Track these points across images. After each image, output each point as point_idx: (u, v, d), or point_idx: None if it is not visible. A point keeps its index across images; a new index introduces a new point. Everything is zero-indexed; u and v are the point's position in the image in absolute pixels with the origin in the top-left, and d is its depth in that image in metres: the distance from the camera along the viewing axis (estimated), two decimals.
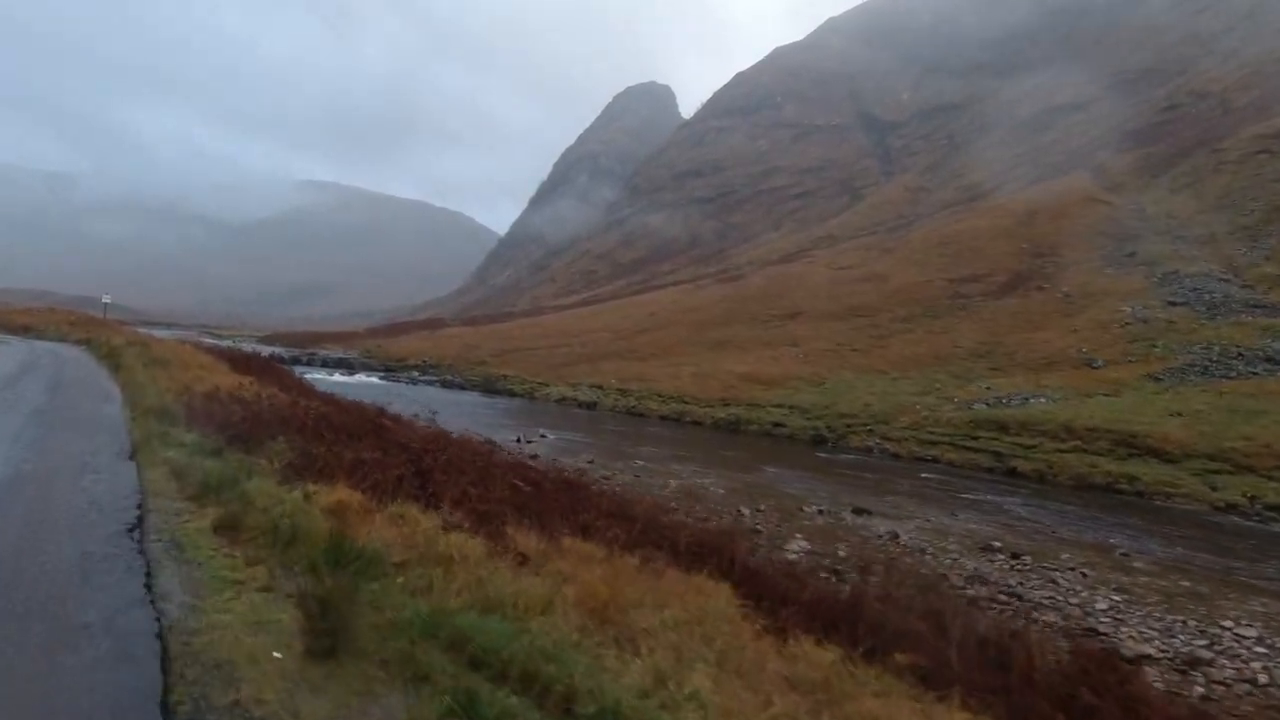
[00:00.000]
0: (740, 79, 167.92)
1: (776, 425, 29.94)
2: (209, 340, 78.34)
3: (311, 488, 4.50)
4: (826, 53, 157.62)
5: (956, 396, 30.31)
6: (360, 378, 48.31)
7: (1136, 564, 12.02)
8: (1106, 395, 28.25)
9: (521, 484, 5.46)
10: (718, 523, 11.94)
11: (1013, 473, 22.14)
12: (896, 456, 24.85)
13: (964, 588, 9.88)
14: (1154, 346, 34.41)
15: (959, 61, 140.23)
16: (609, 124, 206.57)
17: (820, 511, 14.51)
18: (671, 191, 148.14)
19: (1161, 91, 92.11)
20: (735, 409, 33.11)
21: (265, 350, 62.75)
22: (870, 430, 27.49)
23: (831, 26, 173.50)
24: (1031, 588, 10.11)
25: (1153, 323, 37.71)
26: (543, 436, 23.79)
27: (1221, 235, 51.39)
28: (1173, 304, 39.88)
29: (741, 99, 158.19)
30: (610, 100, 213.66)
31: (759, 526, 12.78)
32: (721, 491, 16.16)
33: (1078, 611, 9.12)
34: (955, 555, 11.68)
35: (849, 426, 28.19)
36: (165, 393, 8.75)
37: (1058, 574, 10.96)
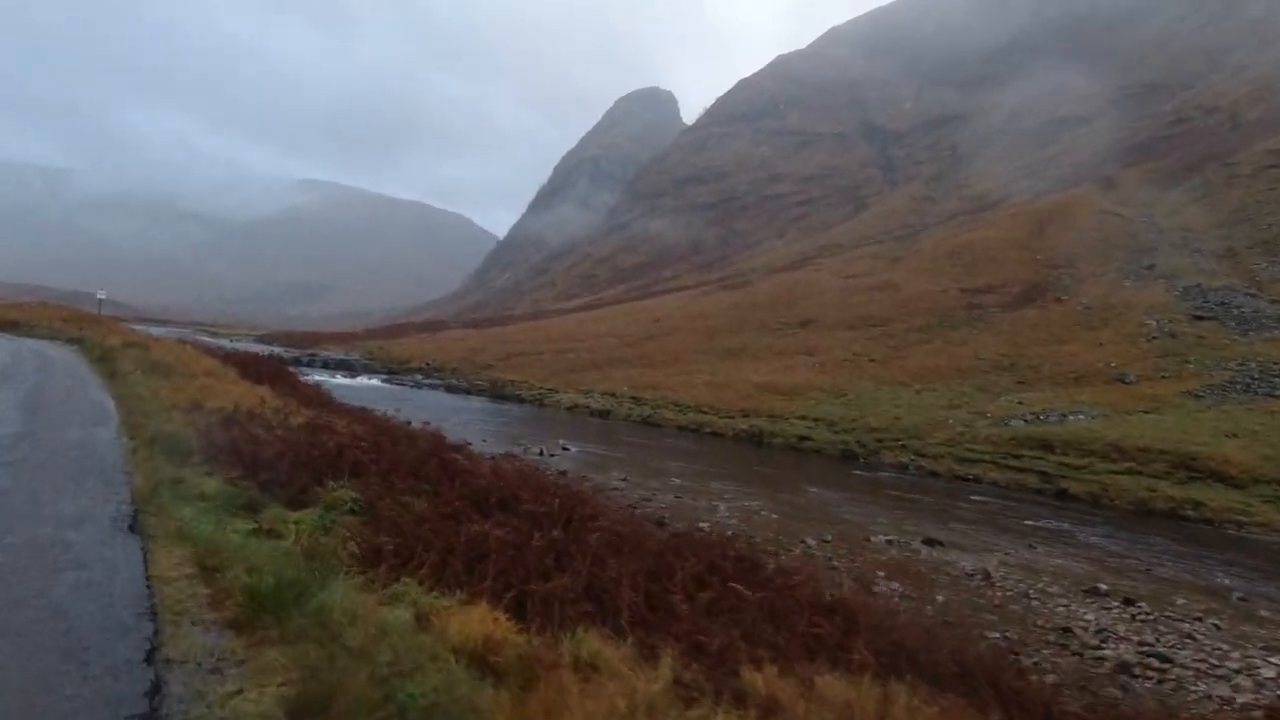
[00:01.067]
0: (743, 85, 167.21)
1: (802, 439, 28.52)
2: (206, 339, 76.54)
3: (420, 596, 3.01)
4: (829, 61, 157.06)
5: (989, 412, 28.97)
6: (363, 380, 46.73)
7: (1263, 611, 10.64)
8: (1146, 413, 26.96)
9: (740, 588, 3.95)
10: (786, 559, 10.52)
11: (1063, 494, 20.77)
12: (935, 474, 23.45)
13: (1098, 647, 8.46)
14: (1186, 362, 33.20)
15: (962, 72, 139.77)
16: (610, 128, 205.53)
17: (889, 542, 13.08)
18: (673, 197, 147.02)
19: (1168, 106, 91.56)
20: (756, 420, 31.69)
21: (264, 350, 61.22)
22: (903, 446, 26.10)
23: (834, 35, 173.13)
24: (1171, 647, 8.70)
25: (1181, 337, 36.52)
26: (565, 449, 22.31)
27: (1240, 249, 50.38)
28: (1199, 318, 38.72)
29: (745, 105, 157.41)
30: (611, 105, 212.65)
31: (834, 562, 11.34)
32: (774, 516, 14.71)
33: (1247, 682, 7.71)
34: (1063, 601, 10.26)
35: (880, 441, 26.80)
36: (171, 410, 7.14)
37: (1188, 626, 9.56)
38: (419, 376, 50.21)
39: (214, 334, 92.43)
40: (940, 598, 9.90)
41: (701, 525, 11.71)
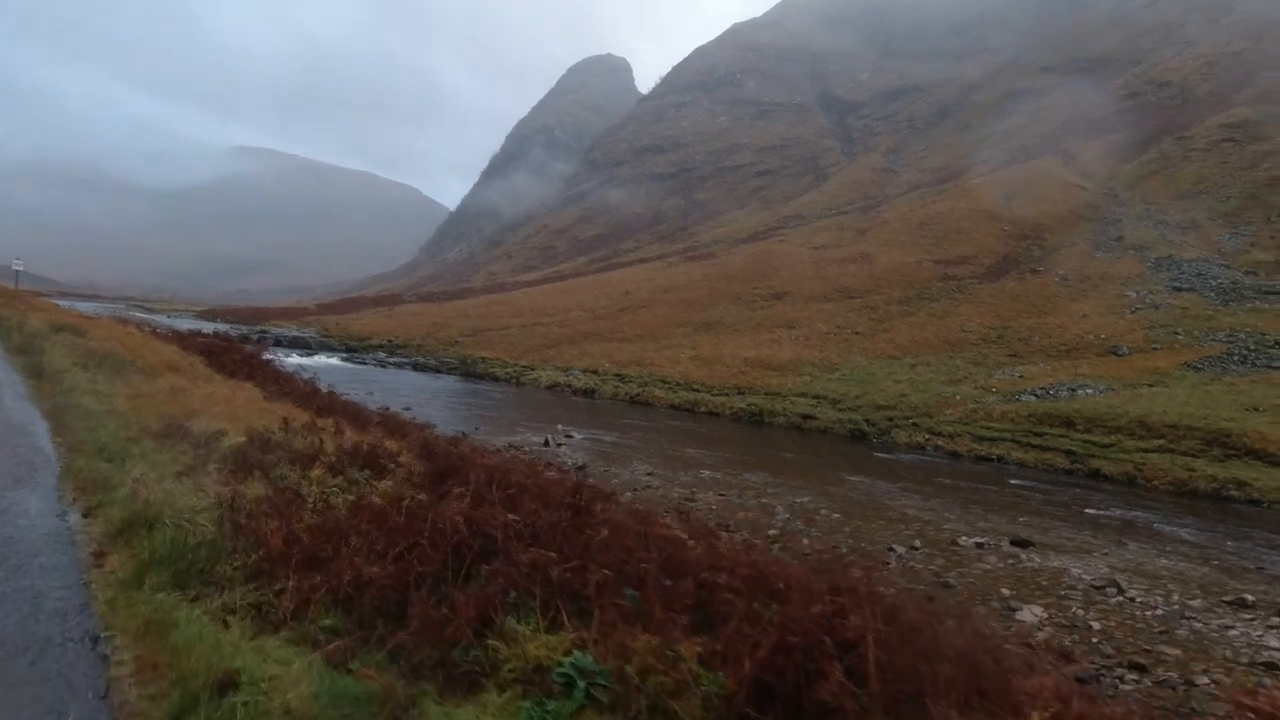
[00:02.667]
0: (700, 54, 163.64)
1: (806, 417, 26.97)
2: (142, 316, 71.07)
3: None
4: (786, 31, 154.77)
5: (994, 387, 27.93)
6: (321, 359, 43.26)
7: None
8: (1151, 385, 26.27)
9: None
10: (882, 574, 8.67)
11: (1096, 475, 19.70)
12: (956, 455, 22.17)
13: None
14: (1175, 334, 32.85)
15: (917, 45, 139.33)
16: (564, 96, 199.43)
17: (980, 546, 11.44)
18: (631, 167, 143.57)
19: (1119, 80, 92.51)
20: (753, 398, 30.01)
21: (208, 328, 56.66)
22: (914, 424, 24.78)
23: (790, 4, 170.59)
24: None
25: (1164, 309, 36.28)
26: (569, 436, 20.13)
27: (1203, 221, 50.79)
28: (1178, 289, 38.63)
29: (702, 74, 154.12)
30: (564, 73, 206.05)
31: (947, 578, 9.60)
32: (837, 515, 12.95)
33: None
34: (1224, 622, 8.75)
35: (890, 420, 25.42)
36: (143, 440, 4.49)
37: None
38: (382, 354, 46.96)
39: (150, 310, 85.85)
40: (1095, 624, 8.25)
41: (803, 542, 9.79)
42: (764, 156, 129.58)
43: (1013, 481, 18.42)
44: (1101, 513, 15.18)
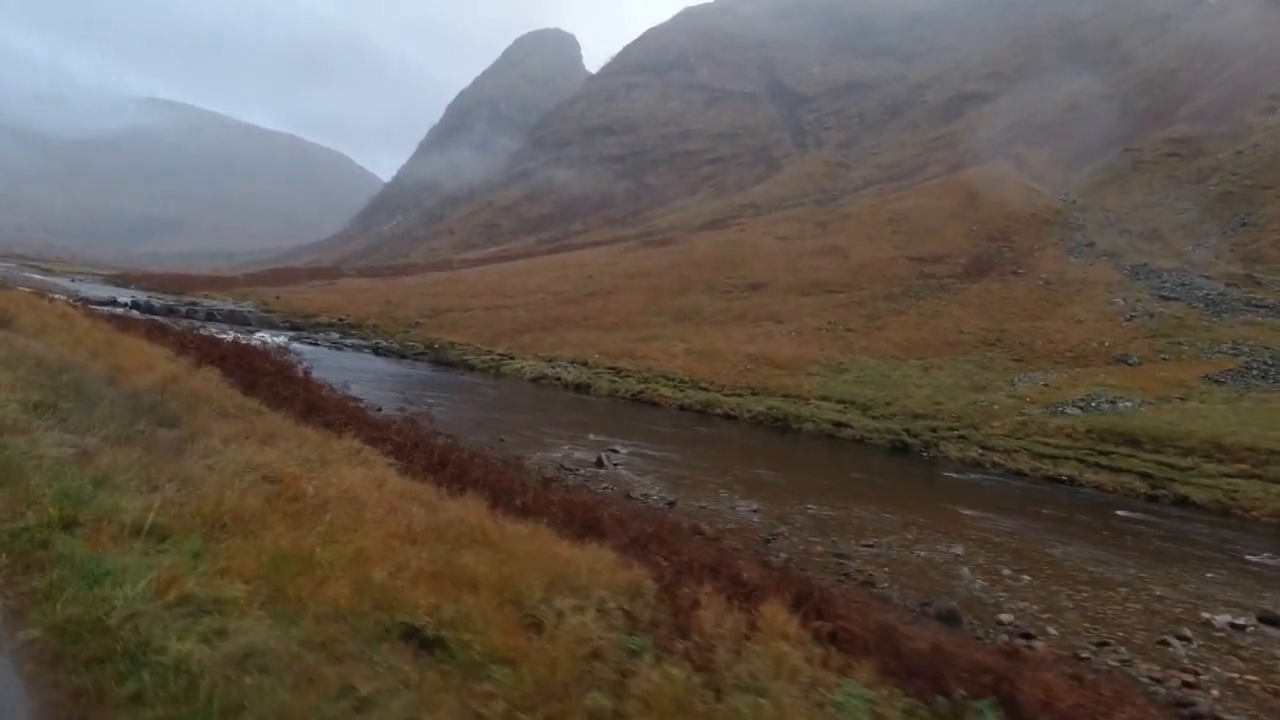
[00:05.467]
0: (651, 34, 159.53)
1: (838, 425, 24.52)
2: (36, 277, 61.92)
3: None
4: (738, 18, 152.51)
5: (1027, 395, 26.28)
6: (264, 336, 37.85)
7: None
8: (1183, 400, 25.21)
9: None
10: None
11: (1184, 502, 18.03)
12: (1020, 474, 20.17)
13: None
14: (1177, 344, 32.32)
15: (865, 42, 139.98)
16: (508, 70, 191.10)
17: (1236, 628, 9.03)
18: (580, 147, 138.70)
19: (1063, 91, 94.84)
20: (771, 400, 27.36)
21: (123, 296, 49.46)
22: (962, 437, 22.71)
23: None
24: None
25: (1159, 318, 35.87)
26: (614, 451, 16.82)
27: (1165, 232, 51.58)
28: (1165, 298, 38.47)
29: (654, 55, 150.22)
30: (510, 44, 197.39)
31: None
32: (1025, 577, 10.31)
33: None
34: None
35: (933, 431, 23.27)
36: None
37: None
38: (334, 334, 41.73)
39: (47, 272, 75.63)
40: None
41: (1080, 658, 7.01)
42: (716, 144, 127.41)
43: (1120, 513, 16.43)
44: (1262, 560, 13.22)
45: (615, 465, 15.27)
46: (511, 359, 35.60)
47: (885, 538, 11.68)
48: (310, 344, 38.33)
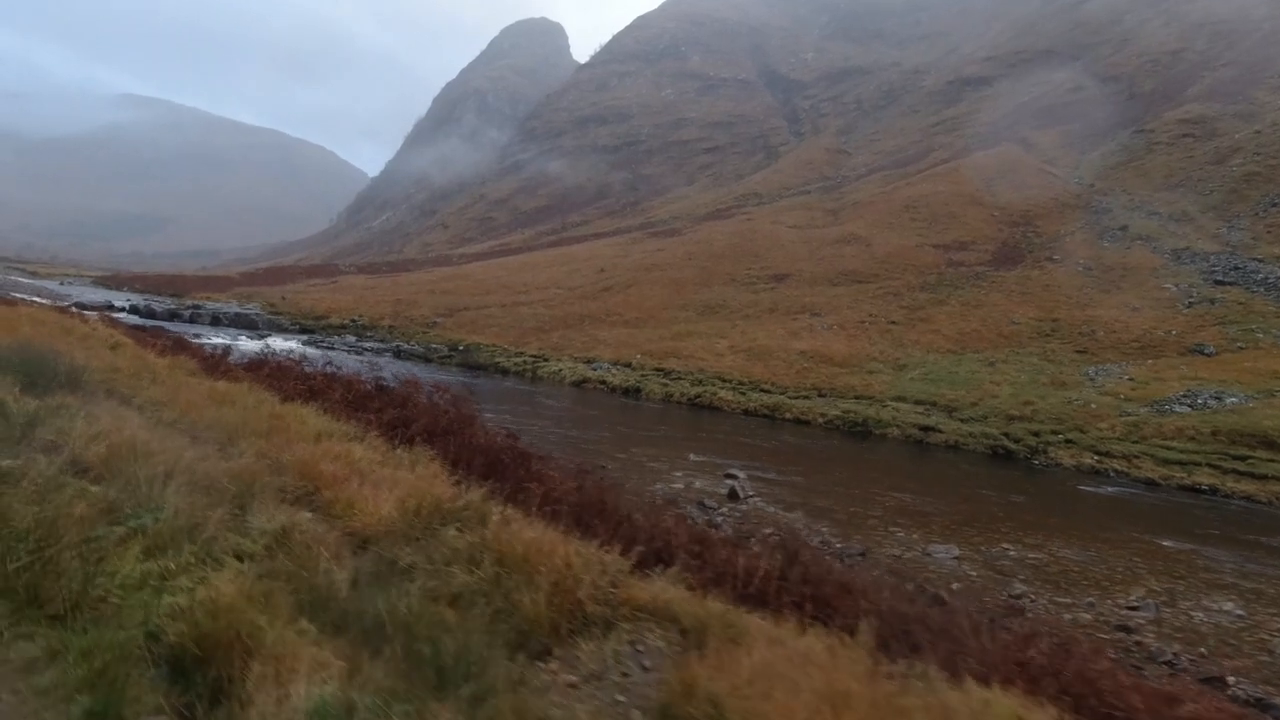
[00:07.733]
0: (641, 22, 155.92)
1: (926, 430, 22.38)
2: (26, 282, 58.07)
3: None
4: (727, 3, 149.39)
5: (1119, 392, 24.30)
6: (278, 343, 35.04)
7: None
8: None
9: None
10: None
11: None
12: (1151, 484, 18.14)
13: None
14: (1250, 331, 30.57)
15: (858, 27, 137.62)
16: (495, 61, 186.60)
17: None
18: (573, 137, 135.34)
19: (1065, 73, 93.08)
20: (843, 403, 25.17)
21: (119, 300, 46.21)
22: (1069, 442, 20.66)
23: None
24: None
25: (1220, 304, 34.11)
26: (733, 476, 14.51)
27: (1194, 214, 49.85)
28: (1220, 283, 36.74)
29: (645, 44, 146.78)
30: (497, 35, 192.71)
31: None
32: None
33: None
34: None
35: (1036, 435, 21.19)
36: None
37: None
38: (350, 337, 38.91)
39: (33, 275, 71.56)
40: None
41: None
42: (712, 132, 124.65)
43: None
44: None
45: (749, 496, 12.97)
46: (546, 360, 33.10)
47: (1132, 590, 9.50)
48: (326, 348, 35.60)
